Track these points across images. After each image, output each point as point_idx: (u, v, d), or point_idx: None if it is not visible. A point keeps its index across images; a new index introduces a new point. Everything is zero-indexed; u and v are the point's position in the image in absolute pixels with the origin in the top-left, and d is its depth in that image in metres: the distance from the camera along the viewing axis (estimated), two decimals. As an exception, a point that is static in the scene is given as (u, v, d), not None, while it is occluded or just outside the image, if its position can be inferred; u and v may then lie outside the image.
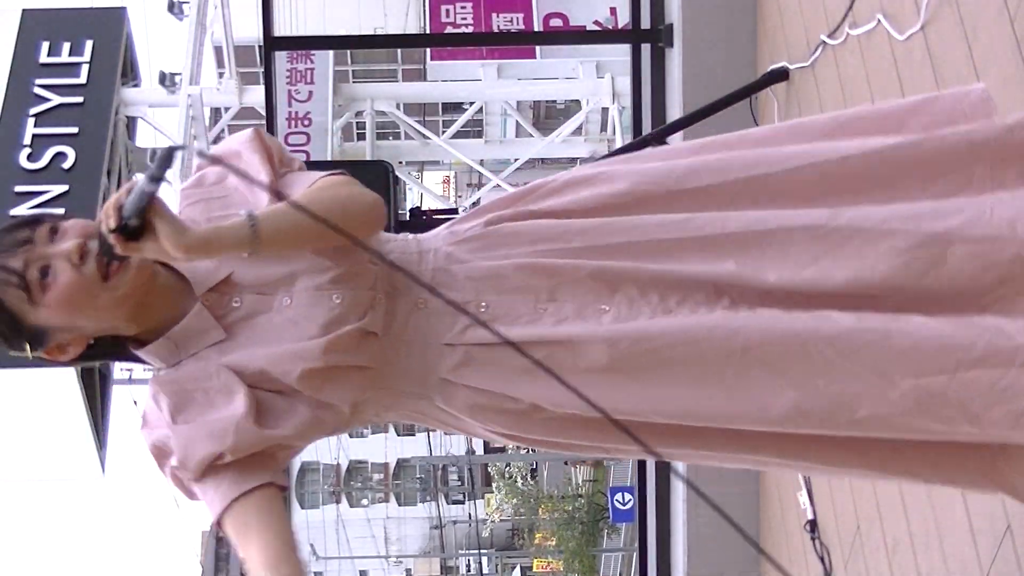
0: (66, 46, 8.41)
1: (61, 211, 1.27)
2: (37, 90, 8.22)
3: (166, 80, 8.50)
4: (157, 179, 1.12)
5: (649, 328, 1.21)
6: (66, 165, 7.98)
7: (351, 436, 22.49)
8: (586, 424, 1.25)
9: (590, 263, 1.25)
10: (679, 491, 3.59)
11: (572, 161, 11.33)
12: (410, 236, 1.34)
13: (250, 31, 7.16)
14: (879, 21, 2.54)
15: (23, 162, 7.96)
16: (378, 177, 3.07)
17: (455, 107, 12.44)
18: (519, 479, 20.87)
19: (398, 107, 9.74)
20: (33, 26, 8.46)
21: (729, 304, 1.23)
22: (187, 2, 8.89)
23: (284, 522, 1.21)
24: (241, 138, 1.34)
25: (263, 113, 4.62)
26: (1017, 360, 1.15)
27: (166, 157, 1.15)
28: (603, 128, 10.83)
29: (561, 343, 1.22)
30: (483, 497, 22.72)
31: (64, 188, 7.86)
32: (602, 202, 1.30)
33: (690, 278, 1.24)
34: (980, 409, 1.17)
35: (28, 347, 1.24)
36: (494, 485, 21.67)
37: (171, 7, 9.04)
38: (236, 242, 1.18)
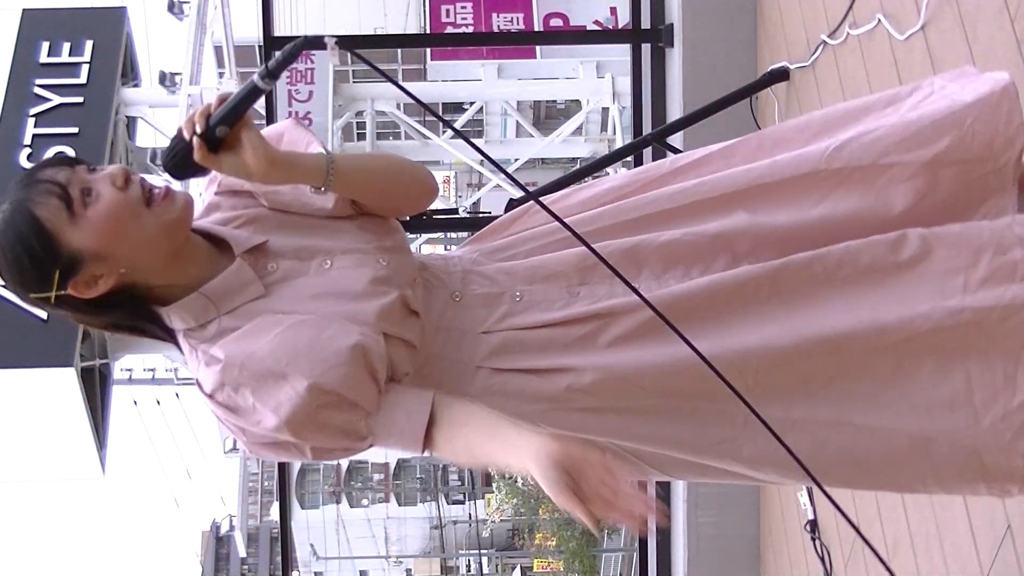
0: (66, 46, 8.41)
1: None
2: (37, 90, 8.21)
3: (166, 80, 8.50)
4: (273, 75, 1.06)
5: (680, 290, 1.25)
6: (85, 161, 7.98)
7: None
8: (613, 413, 1.25)
9: (614, 242, 1.28)
10: (679, 491, 3.59)
11: (572, 161, 11.33)
12: (433, 252, 1.46)
13: (250, 31, 7.16)
14: (879, 21, 2.54)
15: (23, 162, 7.96)
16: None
17: (455, 107, 12.43)
18: (519, 479, 20.88)
19: (398, 107, 9.75)
20: (33, 26, 8.46)
21: (749, 253, 1.28)
22: (187, 2, 8.89)
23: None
24: (284, 124, 1.35)
25: (263, 113, 4.62)
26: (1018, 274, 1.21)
27: (293, 52, 1.07)
28: (603, 128, 10.82)
29: (600, 315, 1.24)
30: (483, 497, 22.71)
31: (64, 188, 7.86)
32: (605, 195, 1.36)
33: (708, 241, 1.28)
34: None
35: (57, 278, 1.14)
36: (494, 485, 21.66)
37: (171, 7, 9.04)
38: (315, 169, 1.19)
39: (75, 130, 8.07)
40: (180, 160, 1.14)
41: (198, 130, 1.12)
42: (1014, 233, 1.24)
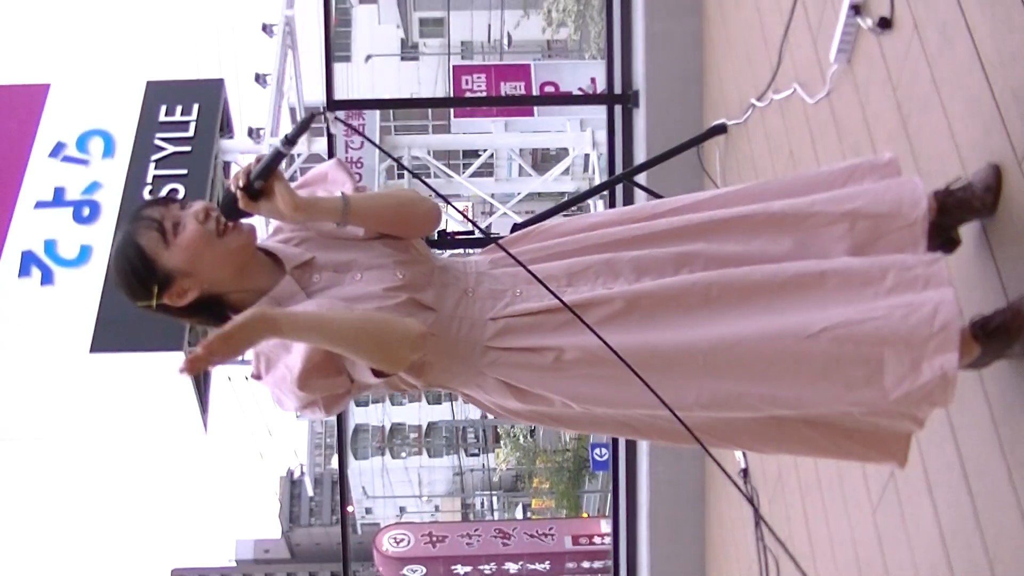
0: (178, 108, 8.44)
1: None
2: (157, 141, 8.25)
3: (253, 133, 8.53)
4: (291, 142, 1.11)
5: (650, 287, 1.27)
6: (178, 198, 8.01)
7: (392, 404, 22.44)
8: (590, 379, 1.25)
9: (596, 257, 1.30)
10: (643, 447, 3.60)
11: (561, 194, 11.32)
12: (453, 258, 1.42)
13: (316, 95, 7.18)
14: (795, 89, 2.55)
15: (146, 196, 8.00)
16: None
17: (472, 153, 12.44)
18: (521, 437, 20.82)
19: (429, 153, 9.75)
20: (154, 93, 8.51)
21: (702, 270, 1.29)
22: (269, 74, 8.91)
23: None
24: (327, 165, 1.37)
25: (326, 158, 4.63)
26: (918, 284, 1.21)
27: (304, 124, 1.12)
28: (585, 169, 10.81)
29: (581, 305, 1.25)
30: (494, 451, 22.65)
31: (176, 216, 7.89)
32: (596, 225, 1.37)
33: (671, 257, 1.29)
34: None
35: (156, 290, 1.20)
36: (502, 442, 21.62)
37: (257, 78, 9.08)
38: (333, 209, 1.21)
39: (184, 172, 8.10)
40: (230, 207, 1.19)
41: (241, 184, 1.16)
42: (916, 258, 1.24)
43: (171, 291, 1.22)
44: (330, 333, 1.15)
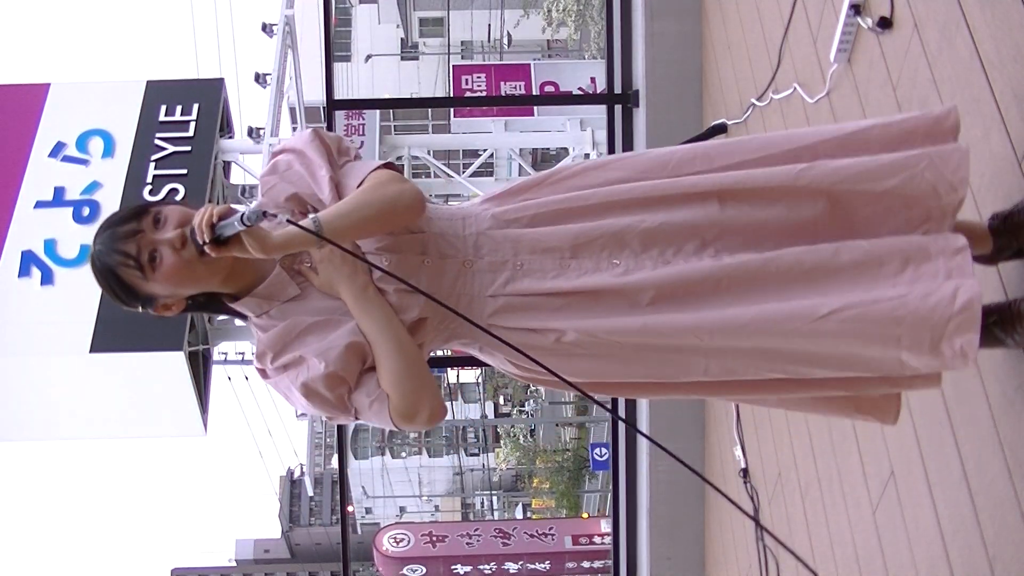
0: (178, 108, 8.44)
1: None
2: (157, 141, 8.25)
3: (253, 133, 8.53)
4: (248, 224, 1.08)
5: (651, 277, 1.20)
6: (178, 198, 7.98)
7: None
8: (590, 358, 1.22)
9: (604, 222, 1.22)
10: (643, 447, 3.60)
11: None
12: (454, 205, 1.32)
13: (316, 95, 7.18)
14: (795, 88, 2.55)
15: (146, 196, 8.00)
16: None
17: (472, 153, 12.44)
18: (521, 437, 20.83)
19: (429, 153, 9.75)
20: (154, 93, 8.51)
21: (714, 254, 1.21)
22: (269, 74, 8.91)
23: None
24: (304, 138, 1.29)
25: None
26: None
27: (259, 215, 1.09)
28: (585, 169, 10.80)
29: (584, 291, 1.20)
30: (494, 451, 22.66)
31: (176, 215, 7.89)
32: (606, 179, 1.28)
33: (681, 229, 1.21)
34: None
35: (140, 307, 1.22)
36: (502, 442, 21.62)
37: (257, 78, 9.07)
38: (307, 240, 1.14)
39: (184, 171, 8.10)
40: (199, 248, 1.15)
41: (206, 239, 1.11)
42: (938, 246, 1.18)
43: (156, 307, 1.22)
44: (363, 219, 1.16)
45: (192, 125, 8.31)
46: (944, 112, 1.26)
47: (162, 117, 8.33)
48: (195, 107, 8.40)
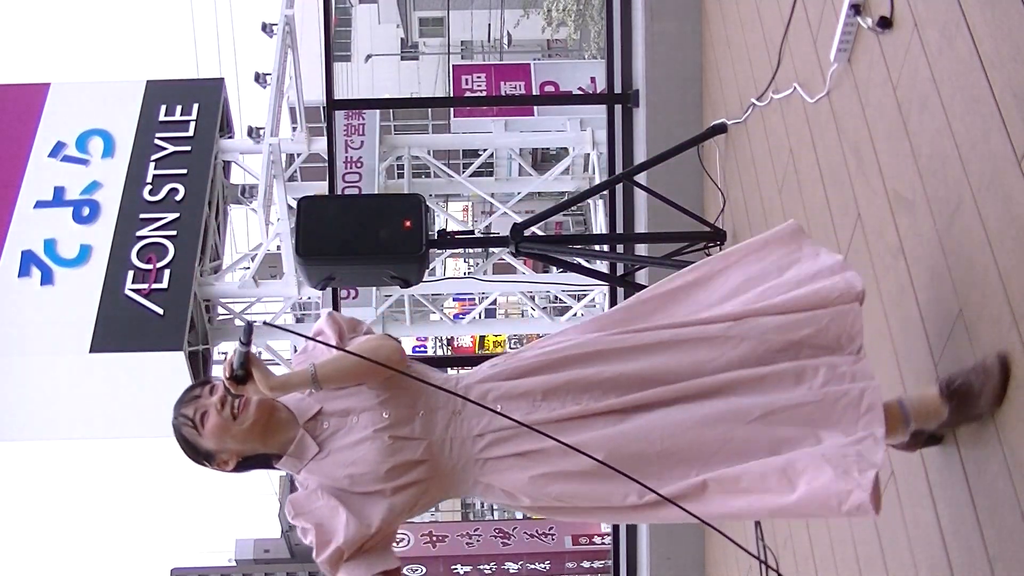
0: (178, 108, 8.44)
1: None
2: (157, 141, 8.25)
3: (253, 133, 8.52)
4: (245, 344, 1.39)
5: (614, 431, 1.46)
6: (178, 198, 8.01)
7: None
8: (565, 477, 1.45)
9: (567, 375, 1.49)
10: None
11: (562, 194, 11.32)
12: (451, 372, 1.65)
13: (316, 95, 7.17)
14: (795, 88, 2.55)
15: (146, 196, 8.00)
16: (414, 207, 3.07)
17: (472, 153, 12.43)
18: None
19: (429, 153, 9.75)
20: (154, 93, 8.51)
21: (655, 399, 1.46)
22: (269, 74, 8.91)
23: None
24: (323, 321, 1.61)
25: (326, 158, 4.62)
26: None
27: (248, 331, 1.38)
28: (585, 169, 10.81)
29: (554, 421, 1.47)
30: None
31: (176, 216, 7.89)
32: (564, 345, 1.54)
33: (637, 379, 1.47)
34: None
35: (204, 462, 1.52)
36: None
37: (257, 78, 9.07)
38: (302, 382, 1.45)
39: (184, 171, 8.10)
40: (227, 388, 1.46)
41: (227, 375, 1.43)
42: (843, 360, 1.47)
43: (215, 463, 1.52)
44: (342, 372, 1.48)
45: (192, 125, 8.32)
46: (853, 299, 1.50)
47: (162, 117, 8.34)
48: (195, 107, 8.40)
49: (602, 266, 4.62)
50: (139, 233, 7.71)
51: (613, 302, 4.16)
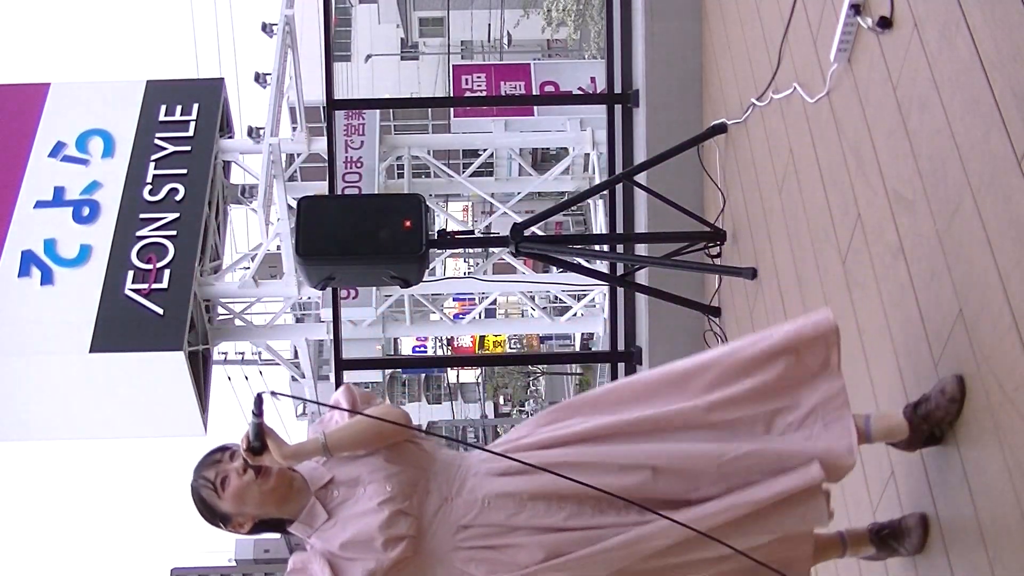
0: (178, 108, 8.44)
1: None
2: (157, 141, 8.25)
3: (253, 133, 8.52)
4: (257, 415, 1.49)
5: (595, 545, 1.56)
6: (178, 198, 8.01)
7: (391, 402, 22.38)
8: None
9: (549, 487, 1.57)
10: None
11: (562, 194, 11.32)
12: (458, 452, 1.71)
13: (316, 95, 7.17)
14: (795, 88, 2.55)
15: (146, 196, 8.00)
16: (414, 207, 3.07)
17: (472, 153, 12.44)
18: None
19: (429, 153, 9.75)
20: (154, 93, 8.51)
21: (638, 513, 1.56)
22: (269, 74, 8.91)
23: None
24: (339, 392, 1.70)
25: (326, 158, 4.62)
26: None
27: (258, 402, 1.49)
28: (585, 169, 10.82)
29: (534, 527, 1.57)
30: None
31: (176, 215, 7.90)
32: (576, 434, 1.63)
33: (618, 467, 1.57)
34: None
35: (220, 524, 1.59)
36: (502, 441, 21.59)
37: (257, 78, 9.07)
38: (314, 450, 1.57)
39: (184, 171, 8.10)
40: (246, 459, 1.55)
41: (244, 447, 1.52)
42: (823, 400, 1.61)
43: (231, 525, 1.59)
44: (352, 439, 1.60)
45: (192, 125, 8.32)
46: (839, 403, 1.62)
47: (162, 117, 8.34)
48: (195, 107, 8.40)
49: (602, 266, 4.62)
50: (139, 233, 7.72)
51: (613, 302, 4.16)
